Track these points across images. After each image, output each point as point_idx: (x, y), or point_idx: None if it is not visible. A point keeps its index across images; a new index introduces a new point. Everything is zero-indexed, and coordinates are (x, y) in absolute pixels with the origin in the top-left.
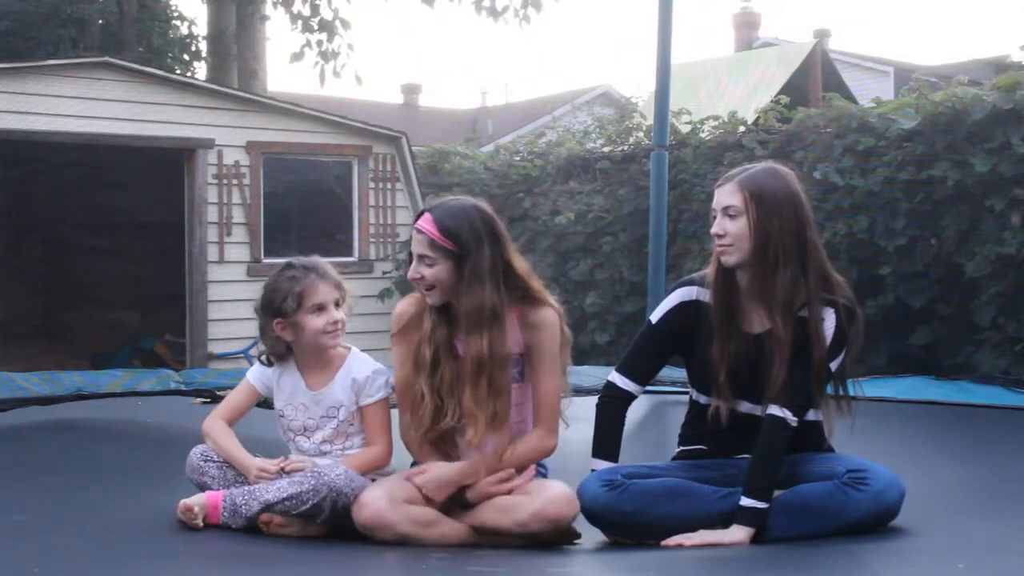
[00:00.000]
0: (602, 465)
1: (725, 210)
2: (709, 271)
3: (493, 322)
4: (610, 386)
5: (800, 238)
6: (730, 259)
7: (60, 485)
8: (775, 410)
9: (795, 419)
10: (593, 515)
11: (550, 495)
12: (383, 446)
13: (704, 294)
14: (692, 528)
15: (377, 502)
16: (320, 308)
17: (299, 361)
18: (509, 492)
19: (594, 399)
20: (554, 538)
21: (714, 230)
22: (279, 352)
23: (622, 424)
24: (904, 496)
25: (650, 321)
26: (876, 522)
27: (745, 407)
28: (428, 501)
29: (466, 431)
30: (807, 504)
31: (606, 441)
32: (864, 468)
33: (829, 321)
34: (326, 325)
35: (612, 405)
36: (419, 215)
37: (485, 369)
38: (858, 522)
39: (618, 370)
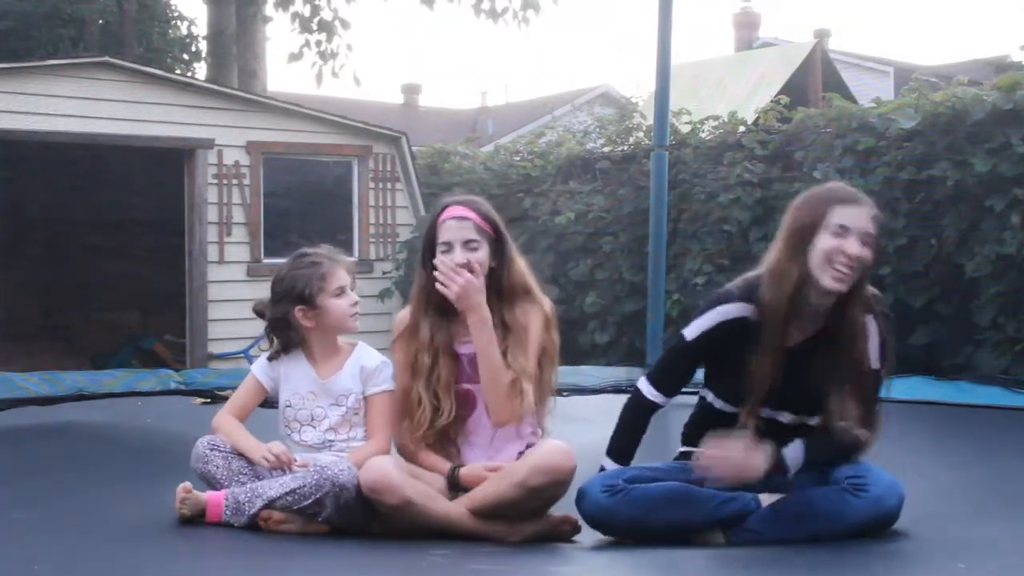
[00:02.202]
0: (612, 466)
1: (863, 236)
2: (776, 287)
3: (526, 295)
4: (638, 393)
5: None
6: (844, 285)
7: (60, 484)
8: (856, 431)
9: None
10: (593, 519)
11: (543, 450)
12: (383, 440)
13: (748, 310)
14: (690, 532)
15: (385, 466)
16: (342, 291)
17: (309, 350)
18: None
19: (593, 399)
20: (556, 494)
21: (852, 251)
22: (291, 343)
23: (643, 431)
24: (903, 501)
25: (684, 336)
26: (875, 527)
27: (782, 417)
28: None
29: (525, 394)
30: (806, 509)
31: (624, 444)
32: (864, 473)
33: (873, 331)
34: (349, 307)
35: (638, 411)
36: (442, 208)
37: (528, 334)
38: (857, 527)
39: (648, 379)
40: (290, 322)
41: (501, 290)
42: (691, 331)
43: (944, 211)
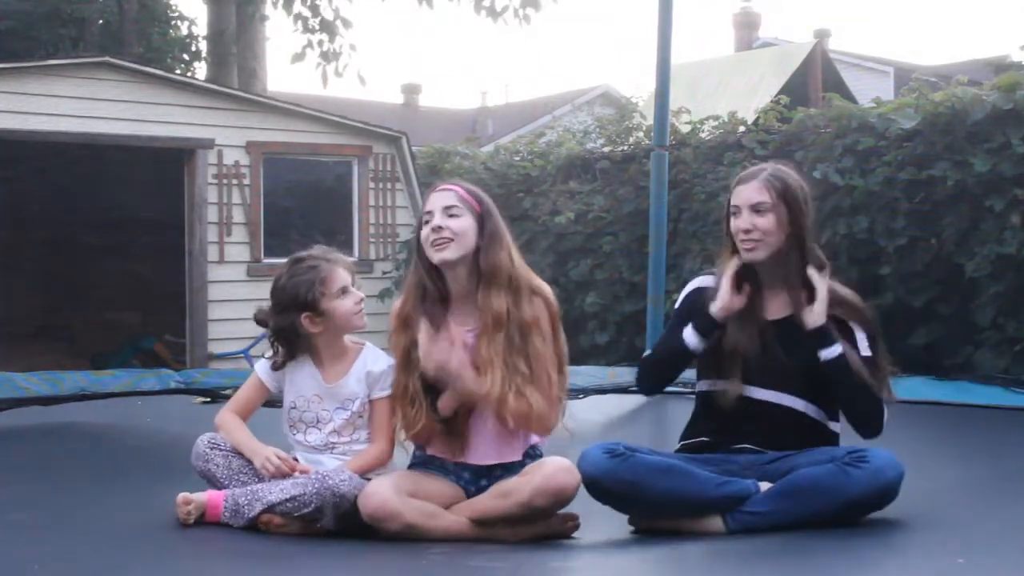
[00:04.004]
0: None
1: (754, 207)
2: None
3: (510, 287)
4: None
5: (809, 236)
6: (757, 254)
7: (60, 484)
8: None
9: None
10: (593, 482)
11: (547, 470)
12: (385, 444)
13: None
14: (688, 509)
15: (383, 492)
16: (345, 290)
17: (316, 354)
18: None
19: (593, 399)
20: (558, 510)
21: (742, 225)
22: (296, 350)
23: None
24: (903, 476)
25: (674, 310)
26: (876, 499)
27: (755, 393)
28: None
29: (484, 380)
30: (809, 484)
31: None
32: (863, 449)
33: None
34: (354, 305)
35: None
36: (434, 187)
37: (503, 326)
38: (858, 499)
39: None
40: (297, 330)
41: (480, 271)
42: (677, 303)
43: (944, 211)
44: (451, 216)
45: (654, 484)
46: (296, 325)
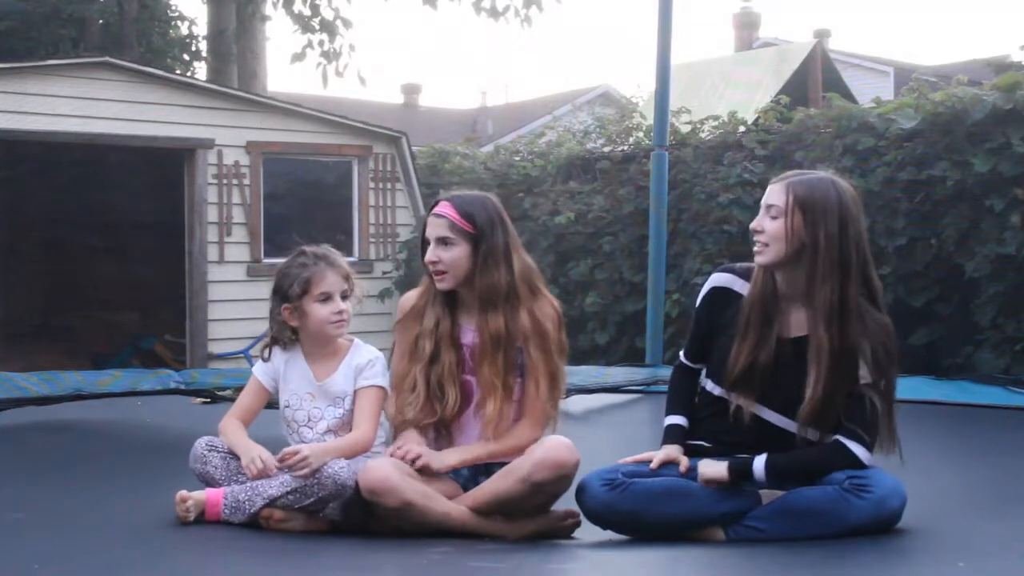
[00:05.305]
0: (672, 420)
1: (768, 208)
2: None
3: (508, 302)
4: (679, 363)
5: (843, 255)
6: (762, 258)
7: (60, 484)
8: (849, 443)
9: (869, 458)
10: (593, 514)
11: (547, 445)
12: (366, 431)
13: (738, 283)
14: (689, 527)
15: (384, 468)
16: (327, 297)
17: (305, 350)
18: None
19: (593, 399)
20: (560, 489)
21: (753, 224)
22: (285, 338)
23: (690, 386)
24: (905, 503)
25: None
26: (877, 528)
27: (765, 414)
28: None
29: (485, 405)
30: (808, 508)
31: (670, 400)
32: (865, 474)
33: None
34: (331, 315)
35: (680, 370)
36: (435, 203)
37: (501, 345)
38: (859, 528)
39: (683, 351)
40: (277, 318)
41: (476, 293)
42: (698, 298)
43: (944, 211)
44: (444, 247)
45: (655, 509)
46: (277, 312)
